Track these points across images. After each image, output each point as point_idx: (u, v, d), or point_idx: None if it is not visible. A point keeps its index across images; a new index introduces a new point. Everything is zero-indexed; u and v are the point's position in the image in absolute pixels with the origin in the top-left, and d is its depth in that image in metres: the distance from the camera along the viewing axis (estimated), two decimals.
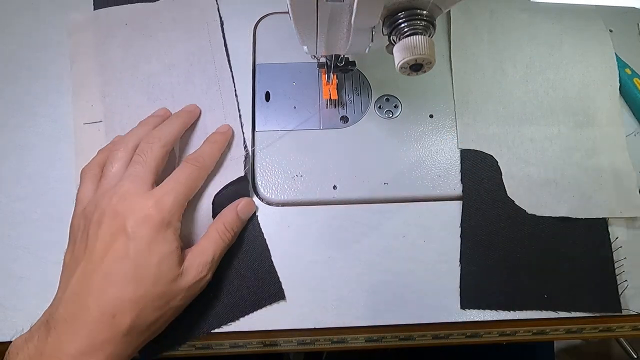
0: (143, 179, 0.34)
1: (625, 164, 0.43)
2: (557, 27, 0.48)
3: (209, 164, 0.38)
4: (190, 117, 0.41)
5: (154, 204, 0.32)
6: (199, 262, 0.34)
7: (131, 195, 0.33)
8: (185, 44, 0.45)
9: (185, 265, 0.33)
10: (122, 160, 0.36)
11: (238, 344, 0.38)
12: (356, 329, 0.38)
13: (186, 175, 0.35)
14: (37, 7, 0.47)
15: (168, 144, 0.37)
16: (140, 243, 0.31)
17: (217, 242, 0.35)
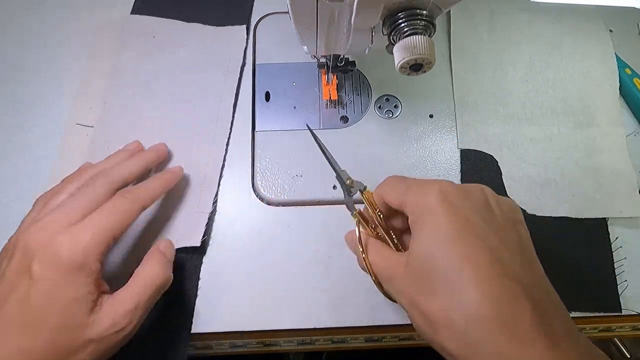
0: (72, 212, 0.30)
1: (625, 164, 0.43)
2: (557, 27, 0.48)
3: (144, 200, 0.33)
4: (154, 156, 0.39)
5: (68, 241, 0.28)
6: (116, 310, 0.29)
7: (50, 228, 0.29)
8: (200, 73, 0.44)
9: (98, 314, 0.29)
10: (66, 194, 0.33)
11: (238, 344, 0.38)
12: (356, 329, 0.38)
13: (114, 208, 0.31)
14: (37, 6, 0.47)
15: (116, 182, 0.33)
16: (43, 286, 0.27)
17: (143, 290, 0.31)
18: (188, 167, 0.40)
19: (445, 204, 0.25)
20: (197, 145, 0.42)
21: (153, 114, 0.43)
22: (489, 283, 0.22)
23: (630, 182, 0.42)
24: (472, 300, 0.22)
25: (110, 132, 0.42)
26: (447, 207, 0.25)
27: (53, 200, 0.32)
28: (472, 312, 0.22)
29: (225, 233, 0.40)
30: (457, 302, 0.23)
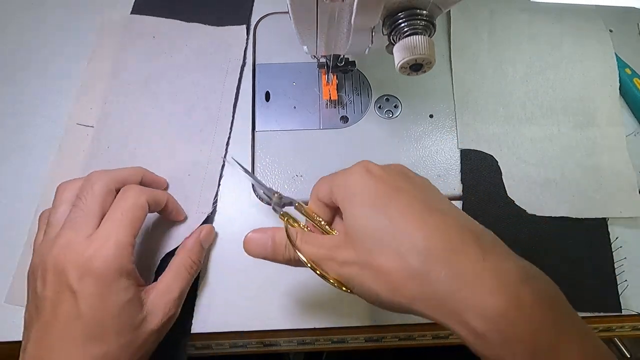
0: (84, 224, 0.30)
1: (625, 164, 0.43)
2: (557, 27, 0.48)
3: (149, 193, 0.33)
4: (152, 177, 0.38)
5: (95, 253, 0.29)
6: (166, 300, 0.32)
7: (71, 245, 0.29)
8: (200, 73, 0.44)
9: (148, 307, 0.31)
10: (66, 204, 0.32)
11: (238, 344, 0.38)
12: (356, 329, 0.38)
13: (122, 210, 0.31)
14: (37, 6, 0.47)
15: (111, 182, 0.33)
16: (89, 299, 0.28)
17: (184, 277, 0.34)
18: (188, 167, 0.40)
19: (369, 174, 0.27)
20: (197, 145, 0.42)
21: (153, 114, 0.43)
22: (431, 221, 0.24)
23: (630, 182, 0.42)
24: (420, 238, 0.23)
25: (111, 132, 0.42)
26: (371, 175, 0.27)
27: (53, 216, 0.32)
28: (423, 248, 0.23)
29: (225, 233, 0.40)
30: (407, 246, 0.23)
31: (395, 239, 0.24)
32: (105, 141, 0.42)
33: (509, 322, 0.21)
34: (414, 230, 0.24)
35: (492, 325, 0.21)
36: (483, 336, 0.21)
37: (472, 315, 0.21)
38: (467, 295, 0.22)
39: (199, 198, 0.40)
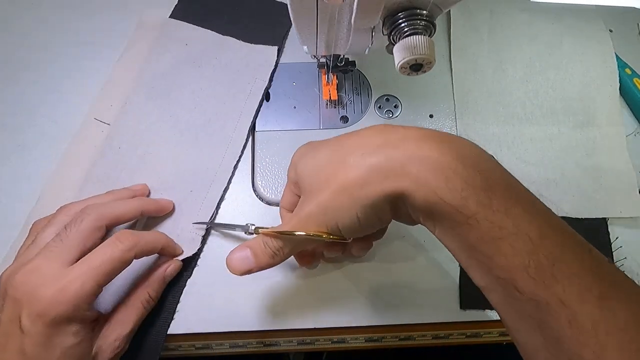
0: (60, 256, 0.29)
1: (625, 164, 0.43)
2: (557, 27, 0.48)
3: (141, 250, 0.32)
4: (155, 207, 0.37)
5: (56, 295, 0.27)
6: (116, 336, 0.31)
7: (37, 276, 0.28)
8: (225, 89, 0.44)
9: (98, 344, 0.30)
10: (57, 227, 0.32)
11: (238, 344, 0.38)
12: (356, 329, 0.38)
13: (104, 259, 0.30)
14: (38, 7, 0.47)
15: (103, 219, 0.32)
16: (35, 339, 0.27)
17: (139, 312, 0.33)
18: (192, 183, 0.40)
19: (301, 148, 0.31)
20: (205, 163, 0.41)
21: (170, 122, 0.42)
22: (366, 131, 0.28)
23: (630, 182, 0.42)
24: (358, 142, 0.27)
25: (125, 133, 0.42)
26: (303, 146, 0.31)
27: (42, 234, 0.32)
28: (370, 147, 0.26)
29: (225, 233, 0.40)
30: (353, 152, 0.26)
31: (333, 155, 0.27)
32: (117, 141, 0.41)
33: (439, 160, 0.24)
34: (344, 142, 0.27)
35: (428, 166, 0.24)
36: (424, 179, 0.24)
37: (412, 165, 0.24)
38: (402, 153, 0.25)
39: (196, 217, 0.39)
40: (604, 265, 0.23)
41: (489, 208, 0.23)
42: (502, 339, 0.39)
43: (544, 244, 0.22)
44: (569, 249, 0.23)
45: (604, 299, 0.21)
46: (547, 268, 0.22)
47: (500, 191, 0.24)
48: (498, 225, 0.23)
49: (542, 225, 0.23)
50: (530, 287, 0.22)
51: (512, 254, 0.22)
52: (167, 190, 0.40)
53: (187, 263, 0.38)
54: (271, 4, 0.48)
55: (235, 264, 0.30)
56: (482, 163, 0.25)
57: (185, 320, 0.37)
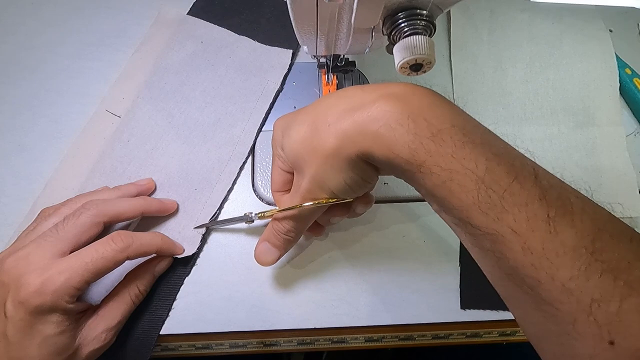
0: (52, 246, 0.30)
1: (625, 164, 0.43)
2: (557, 27, 0.48)
3: (135, 251, 0.32)
4: (158, 207, 0.37)
5: (38, 283, 0.28)
6: (103, 328, 0.31)
7: (26, 263, 0.29)
8: (236, 89, 0.44)
9: (83, 335, 0.30)
10: (57, 218, 0.33)
11: (238, 344, 0.38)
12: (356, 329, 0.38)
13: (95, 256, 0.30)
14: (38, 7, 0.47)
15: (101, 216, 0.32)
16: (17, 325, 0.28)
17: (127, 305, 0.33)
18: (197, 181, 0.40)
19: (277, 124, 0.32)
20: (212, 162, 0.41)
21: (179, 119, 0.42)
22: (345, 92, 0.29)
23: (630, 182, 0.42)
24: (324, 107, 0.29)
25: (135, 127, 0.42)
26: (278, 121, 0.32)
27: (44, 222, 0.32)
28: (334, 115, 0.27)
29: (225, 233, 0.40)
30: (317, 120, 0.28)
31: (311, 124, 0.28)
32: (127, 134, 0.41)
33: (390, 116, 0.25)
34: (316, 109, 0.29)
35: (381, 122, 0.25)
36: (381, 136, 0.25)
37: (370, 125, 0.25)
38: (360, 116, 0.26)
39: (198, 215, 0.39)
40: (552, 189, 0.24)
41: (436, 154, 0.24)
42: (502, 339, 0.39)
43: (490, 177, 0.23)
44: (516, 178, 0.23)
45: (552, 223, 0.22)
46: (496, 201, 0.23)
47: (447, 136, 0.24)
48: (447, 168, 0.24)
49: (489, 159, 0.24)
50: (484, 222, 0.23)
51: (463, 194, 0.24)
52: (172, 187, 0.40)
53: (186, 261, 0.38)
54: (285, 7, 0.48)
55: (263, 258, 0.34)
56: (432, 111, 0.25)
57: (185, 320, 0.37)
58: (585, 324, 0.20)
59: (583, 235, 0.22)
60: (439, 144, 0.24)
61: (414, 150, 0.24)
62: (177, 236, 0.38)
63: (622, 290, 0.20)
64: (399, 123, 0.25)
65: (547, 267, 0.21)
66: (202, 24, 0.46)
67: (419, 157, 0.24)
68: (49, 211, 0.35)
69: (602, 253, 0.21)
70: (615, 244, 0.22)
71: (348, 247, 0.39)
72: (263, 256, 0.34)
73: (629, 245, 0.22)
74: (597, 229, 0.22)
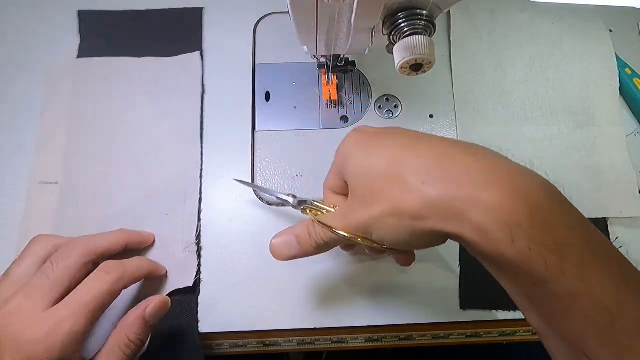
0: (44, 294, 0.28)
1: (625, 164, 0.43)
2: (557, 27, 0.48)
3: (129, 278, 0.31)
4: (138, 238, 0.37)
5: (44, 337, 0.26)
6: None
7: (20, 317, 0.27)
8: (161, 107, 0.42)
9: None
10: (34, 260, 0.31)
11: (238, 344, 0.38)
12: (356, 329, 0.38)
13: (95, 291, 0.29)
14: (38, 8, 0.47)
15: (90, 255, 0.31)
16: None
17: (117, 356, 0.30)
18: (166, 204, 0.39)
19: (358, 131, 0.29)
20: (170, 184, 0.40)
21: (122, 155, 0.41)
22: (421, 146, 0.25)
23: (630, 182, 0.42)
24: (414, 162, 0.24)
25: (78, 186, 0.40)
26: (360, 130, 0.29)
27: (16, 267, 0.30)
28: (419, 171, 0.24)
29: (225, 233, 0.40)
30: (407, 174, 0.24)
31: (390, 166, 0.25)
32: (74, 196, 0.39)
33: (504, 210, 0.21)
34: (404, 154, 0.25)
35: (491, 216, 0.21)
36: (485, 230, 0.21)
37: (474, 212, 0.21)
38: (465, 194, 0.22)
39: (182, 237, 0.38)
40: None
41: (559, 271, 0.21)
42: (502, 339, 0.39)
43: (622, 311, 0.20)
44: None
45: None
46: (623, 339, 0.20)
47: (574, 252, 0.21)
48: (569, 290, 0.21)
49: (622, 290, 0.21)
50: (602, 356, 0.21)
51: (584, 321, 0.21)
52: (144, 220, 0.39)
53: (193, 288, 0.37)
54: (175, 13, 0.46)
55: (280, 250, 0.30)
56: (554, 215, 0.22)
57: None
58: None
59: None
60: (564, 260, 0.21)
61: (531, 260, 0.21)
62: (171, 267, 0.37)
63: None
64: (515, 222, 0.21)
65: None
66: (98, 61, 0.44)
67: (537, 269, 0.21)
68: (40, 246, 0.32)
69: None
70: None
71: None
72: (281, 248, 0.30)
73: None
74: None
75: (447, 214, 0.22)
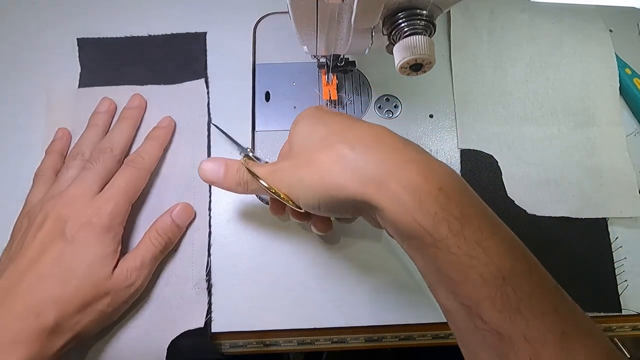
0: (90, 185, 0.35)
1: (625, 164, 0.43)
2: (557, 27, 0.48)
3: (149, 164, 0.38)
4: (138, 114, 0.41)
5: (95, 211, 0.33)
6: (127, 266, 0.34)
7: (76, 201, 0.34)
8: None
9: (115, 270, 0.34)
10: (77, 168, 0.37)
11: (238, 344, 0.38)
12: (356, 329, 0.38)
13: (126, 180, 0.36)
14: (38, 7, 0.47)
15: (120, 153, 0.38)
16: (76, 246, 0.32)
17: (148, 248, 0.35)
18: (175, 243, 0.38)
19: (310, 107, 0.32)
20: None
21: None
22: (360, 126, 0.29)
23: (630, 182, 0.42)
24: (351, 134, 0.28)
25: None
26: (312, 107, 0.32)
27: (63, 175, 0.37)
28: (353, 140, 0.27)
29: (225, 233, 0.40)
30: (339, 139, 0.27)
31: (329, 137, 0.28)
32: None
33: (418, 183, 0.25)
34: (345, 130, 0.28)
35: (407, 187, 0.25)
36: (399, 198, 0.25)
37: (393, 183, 0.25)
38: (390, 169, 0.25)
39: (191, 272, 0.38)
40: (568, 306, 0.23)
41: (460, 235, 0.23)
42: None
43: (514, 277, 0.23)
44: (537, 286, 0.23)
45: (566, 340, 0.21)
46: (513, 302, 0.22)
47: (475, 222, 0.24)
48: (469, 253, 0.23)
49: (516, 259, 0.23)
50: (495, 319, 0.22)
51: (480, 284, 0.23)
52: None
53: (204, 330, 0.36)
54: (180, 38, 0.45)
55: (206, 172, 0.33)
56: (461, 193, 0.25)
57: None
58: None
59: (595, 357, 0.21)
60: (466, 226, 0.24)
61: (437, 223, 0.24)
62: (182, 306, 0.37)
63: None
64: (428, 192, 0.24)
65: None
66: (100, 91, 0.43)
67: (441, 232, 0.24)
68: (44, 174, 0.38)
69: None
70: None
71: (348, 247, 0.39)
72: (208, 171, 0.33)
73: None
74: (607, 355, 0.22)
75: (368, 181, 0.25)
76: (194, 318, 0.36)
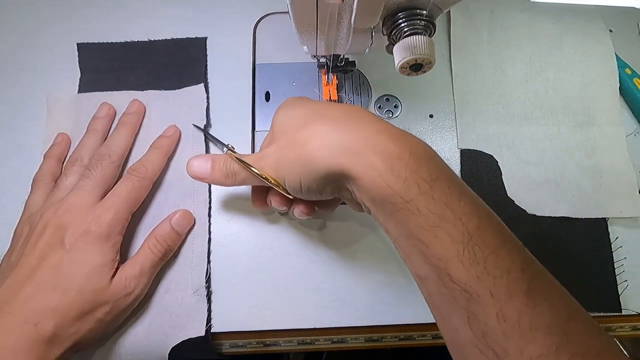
0: (90, 193, 0.35)
1: (625, 164, 0.43)
2: (557, 27, 0.48)
3: (152, 173, 0.38)
4: (137, 119, 0.41)
5: (95, 219, 0.33)
6: (126, 275, 0.34)
7: (75, 209, 0.34)
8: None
9: (114, 279, 0.33)
10: (76, 174, 0.37)
11: (238, 344, 0.38)
12: (356, 329, 0.38)
13: (128, 189, 0.36)
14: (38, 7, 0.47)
15: (119, 159, 0.38)
16: (75, 255, 0.32)
17: (147, 256, 0.35)
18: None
19: (290, 99, 0.34)
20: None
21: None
22: (340, 108, 0.30)
23: (630, 182, 0.42)
24: (328, 114, 0.29)
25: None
26: (292, 98, 0.34)
27: (62, 182, 0.37)
28: (333, 120, 0.29)
29: (225, 233, 0.40)
30: (320, 120, 0.29)
31: (307, 117, 0.30)
32: None
33: (391, 151, 0.26)
34: (322, 110, 0.30)
35: (381, 155, 0.26)
36: (374, 165, 0.26)
37: (369, 152, 0.26)
38: (367, 142, 0.27)
39: (191, 279, 0.37)
40: (534, 264, 0.24)
41: (429, 197, 0.24)
42: None
43: (480, 235, 0.24)
44: (503, 243, 0.24)
45: (531, 296, 0.22)
46: (480, 260, 0.23)
47: (444, 185, 0.25)
48: (438, 214, 0.24)
49: (482, 219, 0.24)
50: (464, 277, 0.23)
51: (448, 243, 0.24)
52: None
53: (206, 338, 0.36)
54: (180, 43, 0.45)
55: (194, 168, 0.34)
56: (430, 159, 0.26)
57: None
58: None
59: (559, 314, 0.22)
60: (435, 188, 0.25)
61: (407, 185, 0.25)
62: (181, 313, 0.36)
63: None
64: (399, 157, 0.26)
65: (518, 339, 0.21)
66: (100, 96, 0.43)
67: (411, 193, 0.25)
68: (43, 179, 0.38)
69: (575, 336, 0.21)
70: (588, 330, 0.22)
71: (348, 247, 0.39)
72: (195, 167, 0.34)
73: (599, 335, 0.22)
74: (572, 312, 0.22)
75: (341, 151, 0.27)
76: (194, 325, 0.36)
